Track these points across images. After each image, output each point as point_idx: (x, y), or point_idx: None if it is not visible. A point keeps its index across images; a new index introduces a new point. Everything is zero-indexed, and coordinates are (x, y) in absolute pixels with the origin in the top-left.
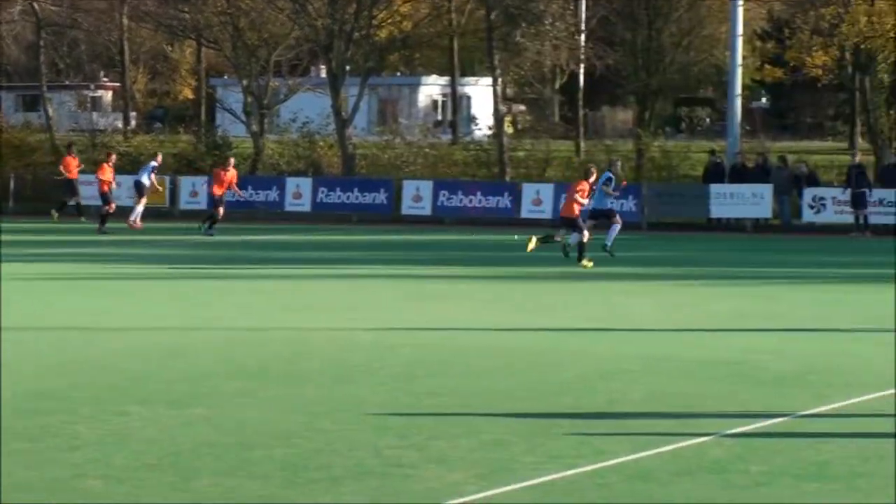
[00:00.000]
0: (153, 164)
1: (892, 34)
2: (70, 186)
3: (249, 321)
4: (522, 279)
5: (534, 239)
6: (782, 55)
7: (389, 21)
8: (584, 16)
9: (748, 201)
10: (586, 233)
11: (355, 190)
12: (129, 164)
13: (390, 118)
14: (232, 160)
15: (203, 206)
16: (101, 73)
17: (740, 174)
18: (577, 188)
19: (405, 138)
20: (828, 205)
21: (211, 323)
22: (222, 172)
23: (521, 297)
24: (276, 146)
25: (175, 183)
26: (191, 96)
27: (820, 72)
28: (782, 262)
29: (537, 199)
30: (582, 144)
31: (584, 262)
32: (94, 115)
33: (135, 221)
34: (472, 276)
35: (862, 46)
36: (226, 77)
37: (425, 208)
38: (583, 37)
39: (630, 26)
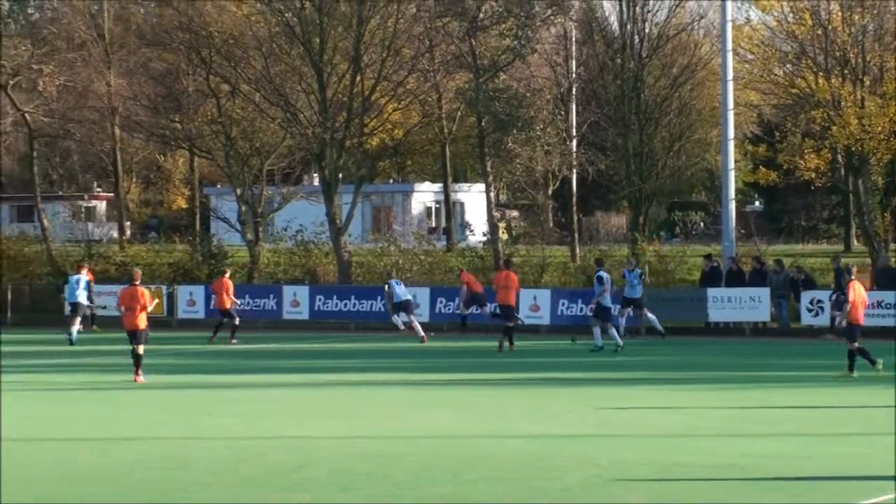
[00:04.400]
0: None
1: (883, 136)
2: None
3: (251, 430)
4: (522, 385)
5: None
6: (775, 158)
7: (381, 129)
8: (574, 121)
9: (746, 305)
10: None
11: (352, 297)
12: (126, 274)
13: (384, 225)
14: (228, 271)
15: (201, 315)
16: (95, 184)
17: (737, 278)
18: None
19: (400, 245)
20: (826, 308)
21: (213, 432)
22: (225, 282)
23: (521, 403)
24: (271, 254)
25: (172, 292)
26: (185, 205)
27: (813, 174)
28: (781, 366)
29: (535, 305)
30: (577, 250)
31: None
32: (90, 225)
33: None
34: (472, 383)
35: (854, 149)
36: (219, 186)
37: (423, 315)
38: (574, 142)
39: (621, 132)
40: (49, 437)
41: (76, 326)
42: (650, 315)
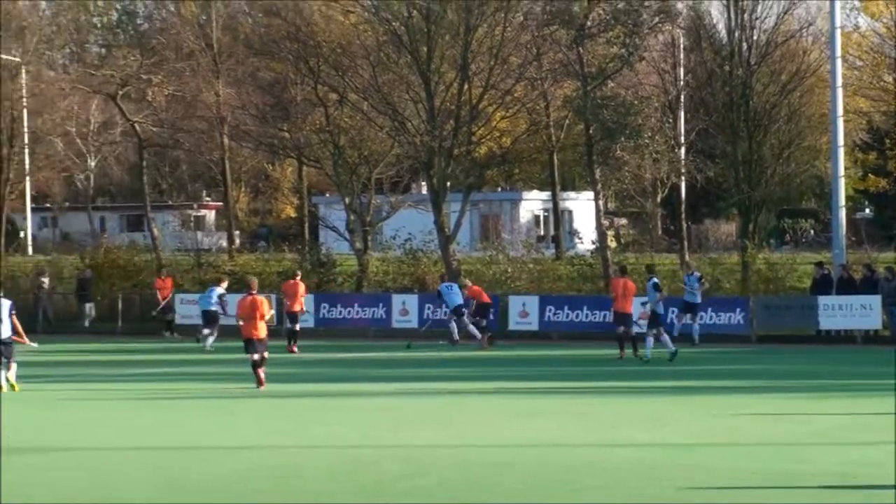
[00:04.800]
0: (218, 289)
1: None
2: (165, 307)
3: (363, 439)
4: (630, 393)
5: None
6: (885, 165)
7: (488, 137)
8: (683, 129)
9: (857, 313)
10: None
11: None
12: (236, 283)
13: (493, 234)
14: (299, 273)
15: (311, 324)
16: (204, 193)
17: (848, 285)
18: None
19: (508, 254)
20: None
21: (325, 441)
22: (297, 285)
23: (629, 411)
24: (380, 263)
25: (281, 302)
26: (293, 214)
27: None
28: (893, 374)
29: (644, 313)
30: (687, 258)
31: None
32: (199, 234)
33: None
34: (580, 391)
35: None
36: (328, 195)
37: (532, 323)
38: (683, 150)
39: (730, 139)
40: (161, 447)
41: (211, 336)
42: (695, 325)
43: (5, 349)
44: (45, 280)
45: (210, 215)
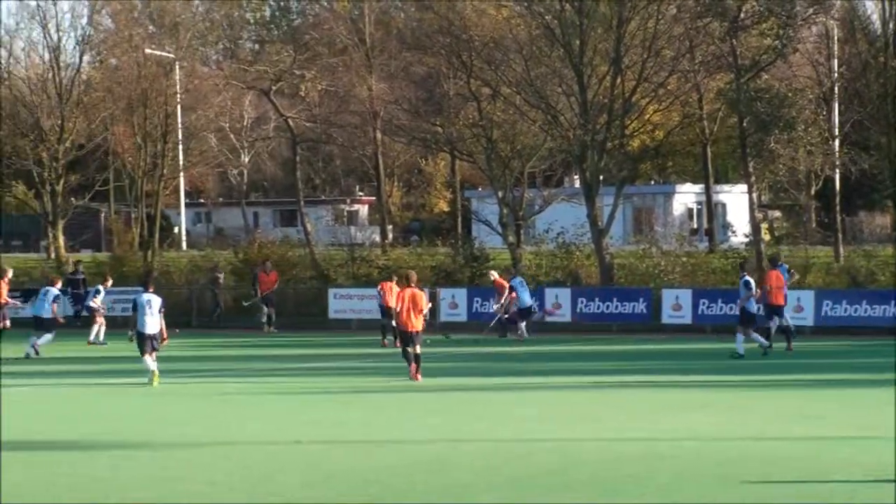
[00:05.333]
0: (99, 287)
1: None
2: (265, 299)
3: (515, 432)
4: (783, 387)
5: None
6: None
7: (641, 130)
8: (837, 121)
9: None
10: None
11: (614, 299)
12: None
13: (646, 227)
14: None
15: (463, 317)
16: (357, 188)
17: None
18: None
19: (661, 247)
20: None
21: (478, 435)
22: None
23: (785, 404)
24: (533, 257)
25: (434, 295)
26: (446, 209)
27: None
28: None
29: (798, 307)
30: (841, 250)
31: None
32: (352, 228)
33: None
34: (733, 385)
35: None
36: (480, 189)
37: (685, 317)
38: (837, 142)
39: (885, 130)
40: (314, 440)
41: (42, 339)
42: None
43: (155, 343)
44: (221, 276)
45: (363, 210)
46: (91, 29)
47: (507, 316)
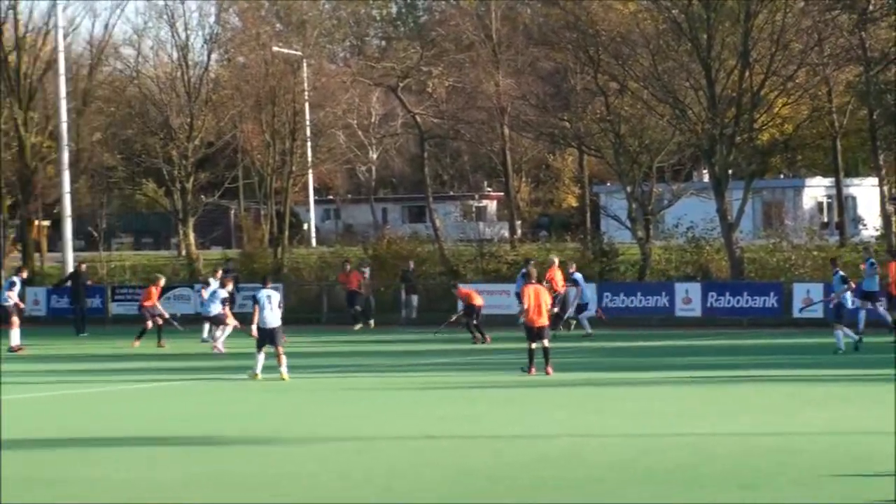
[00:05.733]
0: (14, 279)
1: None
2: (351, 297)
3: (645, 427)
4: None
5: None
6: None
7: (770, 124)
8: None
9: None
10: None
11: (745, 294)
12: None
13: (776, 221)
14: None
15: (590, 312)
16: (485, 183)
17: None
18: None
19: (791, 241)
20: None
21: (606, 430)
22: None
23: None
24: (662, 251)
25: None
26: (574, 204)
27: None
28: None
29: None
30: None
31: None
32: (480, 224)
33: None
34: (868, 379)
35: None
36: (608, 184)
37: (818, 310)
38: None
39: None
40: (447, 436)
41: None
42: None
43: (276, 337)
44: (367, 271)
45: (491, 205)
46: (219, 27)
47: (557, 310)
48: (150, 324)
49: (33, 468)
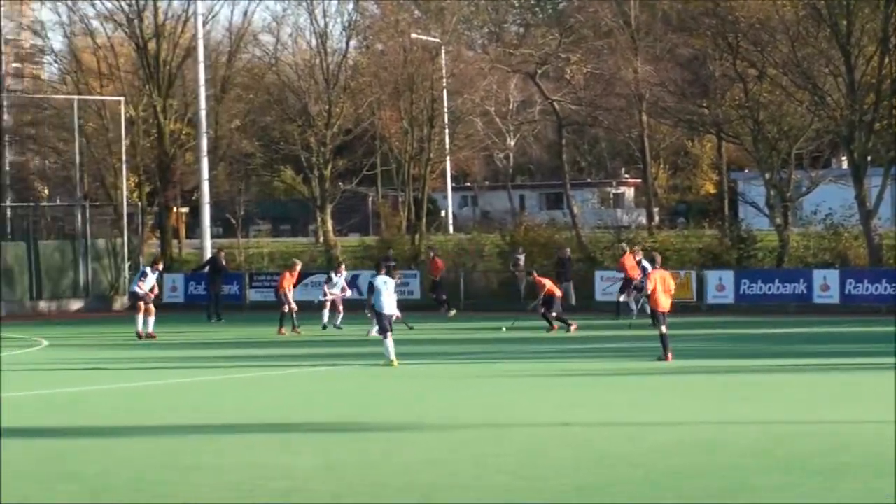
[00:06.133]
0: (147, 269)
1: None
2: (434, 285)
3: (783, 414)
4: None
5: None
6: None
7: None
8: None
9: None
10: None
11: (883, 281)
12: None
13: None
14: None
15: (730, 299)
16: (623, 170)
17: None
18: None
19: None
20: None
21: (748, 417)
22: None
23: None
24: (800, 238)
25: (700, 277)
26: (712, 191)
27: None
28: None
29: None
30: None
31: None
32: (618, 211)
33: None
34: None
35: None
36: (746, 171)
37: None
38: None
39: None
40: (583, 423)
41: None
42: None
43: (388, 323)
44: (521, 258)
45: (629, 192)
46: (357, 14)
47: (623, 298)
48: (286, 308)
49: (168, 454)
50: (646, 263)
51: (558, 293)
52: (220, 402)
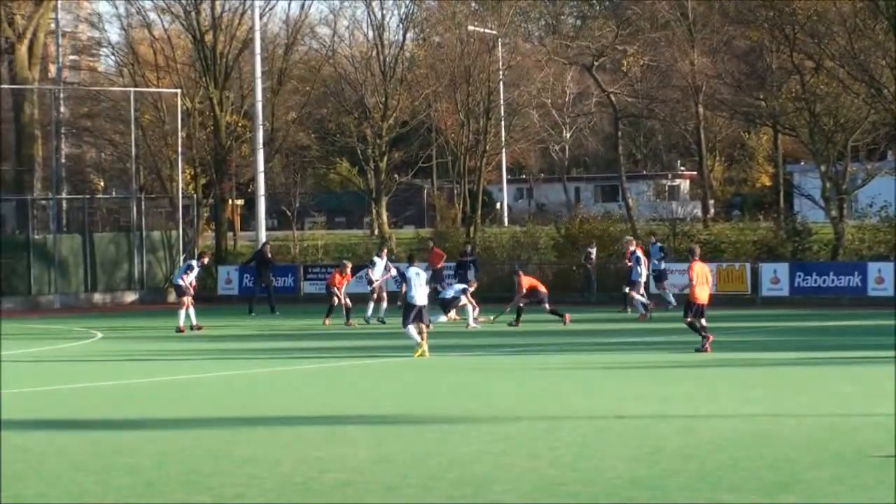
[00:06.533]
0: (193, 263)
1: None
2: (435, 275)
3: (838, 408)
4: None
5: None
6: None
7: None
8: None
9: None
10: None
11: None
12: (710, 252)
13: None
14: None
15: (784, 292)
16: (679, 162)
17: None
18: None
19: None
20: None
21: (802, 410)
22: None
23: None
24: (856, 231)
25: (755, 270)
26: (768, 183)
27: None
28: None
29: None
30: None
31: None
32: (673, 203)
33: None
34: None
35: None
36: (802, 163)
37: None
38: None
39: None
40: (638, 415)
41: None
42: None
43: (423, 315)
44: (593, 251)
45: (684, 184)
46: (414, 7)
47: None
48: (336, 300)
49: (222, 446)
50: (639, 254)
51: (542, 289)
52: (273, 394)
